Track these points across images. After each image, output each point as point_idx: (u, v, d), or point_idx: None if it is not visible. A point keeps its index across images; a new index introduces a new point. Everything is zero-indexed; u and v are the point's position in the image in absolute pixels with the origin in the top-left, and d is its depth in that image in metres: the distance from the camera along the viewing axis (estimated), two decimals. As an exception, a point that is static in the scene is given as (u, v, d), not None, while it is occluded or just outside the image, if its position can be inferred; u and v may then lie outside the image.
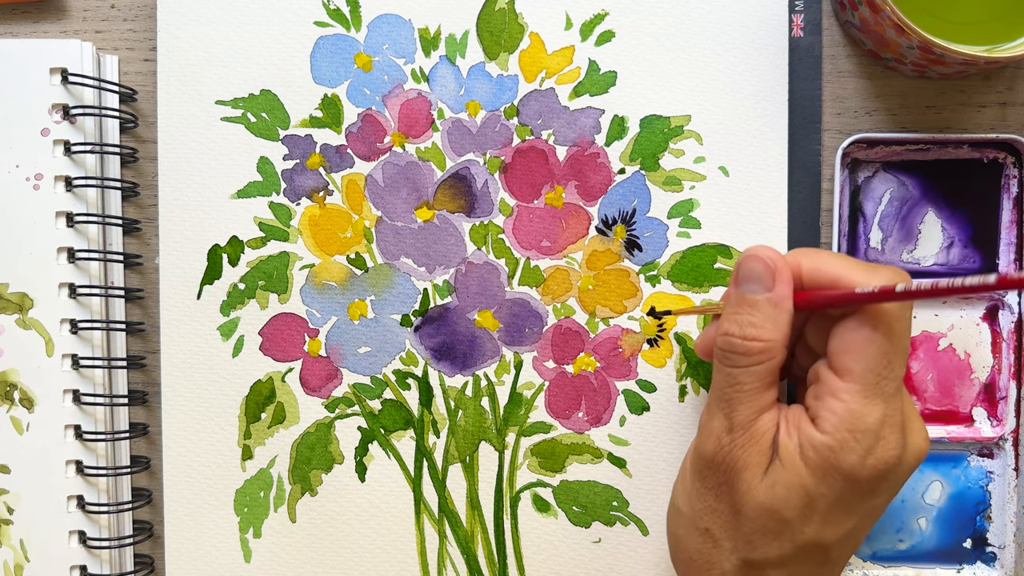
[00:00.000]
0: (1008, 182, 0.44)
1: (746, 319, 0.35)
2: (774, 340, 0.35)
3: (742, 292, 0.36)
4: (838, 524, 0.34)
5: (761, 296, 0.35)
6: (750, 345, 0.35)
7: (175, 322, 0.44)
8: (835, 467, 0.33)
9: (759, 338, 0.35)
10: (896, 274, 0.34)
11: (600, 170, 0.43)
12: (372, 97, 0.44)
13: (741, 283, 0.36)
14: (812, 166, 0.44)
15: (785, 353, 0.35)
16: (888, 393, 0.34)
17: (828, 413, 0.34)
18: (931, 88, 0.44)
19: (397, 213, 0.44)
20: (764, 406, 0.35)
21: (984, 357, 0.44)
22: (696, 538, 0.36)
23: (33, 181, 0.43)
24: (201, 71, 0.44)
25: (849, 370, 0.34)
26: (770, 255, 0.36)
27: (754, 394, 0.35)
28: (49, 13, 0.45)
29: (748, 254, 0.36)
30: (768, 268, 0.35)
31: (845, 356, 0.34)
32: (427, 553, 0.44)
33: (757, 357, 0.35)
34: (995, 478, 0.44)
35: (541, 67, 0.43)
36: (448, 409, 0.44)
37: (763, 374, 0.35)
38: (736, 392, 0.35)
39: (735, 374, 0.35)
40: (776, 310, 0.35)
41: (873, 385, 0.33)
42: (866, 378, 0.33)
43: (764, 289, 0.35)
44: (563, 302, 0.44)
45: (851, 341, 0.34)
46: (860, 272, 0.34)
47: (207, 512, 0.44)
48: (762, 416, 0.35)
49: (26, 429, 0.43)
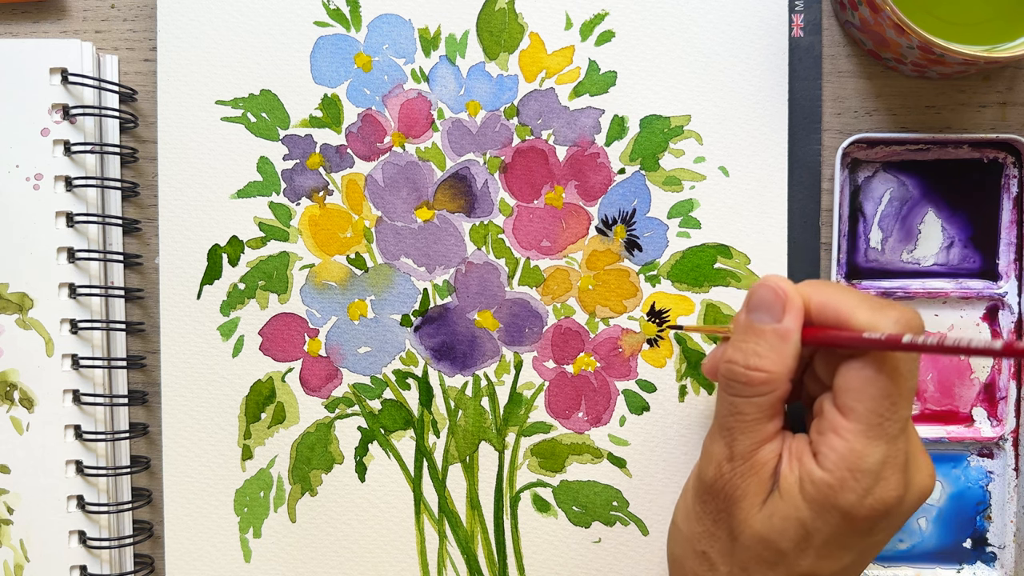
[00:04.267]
0: (1008, 182, 0.44)
1: (751, 348, 0.35)
2: (778, 372, 0.34)
3: (751, 320, 0.36)
4: (834, 559, 0.34)
5: (769, 326, 0.35)
6: (753, 375, 0.35)
7: (175, 322, 0.44)
8: (833, 504, 0.33)
9: (763, 369, 0.35)
10: (904, 315, 0.34)
11: (600, 170, 0.43)
12: (372, 97, 0.44)
13: (751, 311, 0.36)
14: (812, 166, 0.44)
15: (789, 385, 0.35)
16: (891, 434, 0.33)
17: (829, 450, 0.33)
18: (931, 88, 0.44)
19: (397, 213, 0.44)
20: (766, 437, 0.35)
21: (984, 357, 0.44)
22: (693, 559, 0.36)
23: (33, 181, 0.43)
24: (201, 71, 0.44)
25: (852, 409, 0.33)
26: (782, 286, 0.35)
27: (756, 424, 0.35)
28: (49, 13, 0.45)
29: (761, 282, 0.36)
30: (778, 298, 0.35)
31: (849, 395, 0.33)
32: (427, 553, 0.44)
33: (760, 388, 0.35)
34: (995, 478, 0.44)
35: (541, 67, 0.43)
36: (448, 409, 0.44)
37: (765, 405, 0.35)
38: (737, 421, 0.35)
39: (737, 403, 0.35)
40: (782, 342, 0.35)
41: (876, 426, 0.33)
42: (869, 418, 0.33)
43: (773, 319, 0.35)
44: (563, 302, 0.44)
45: (855, 380, 0.33)
46: (868, 312, 0.34)
47: (207, 512, 0.44)
48: (763, 447, 0.35)
49: (26, 429, 0.43)
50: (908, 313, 0.34)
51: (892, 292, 0.43)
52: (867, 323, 0.33)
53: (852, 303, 0.34)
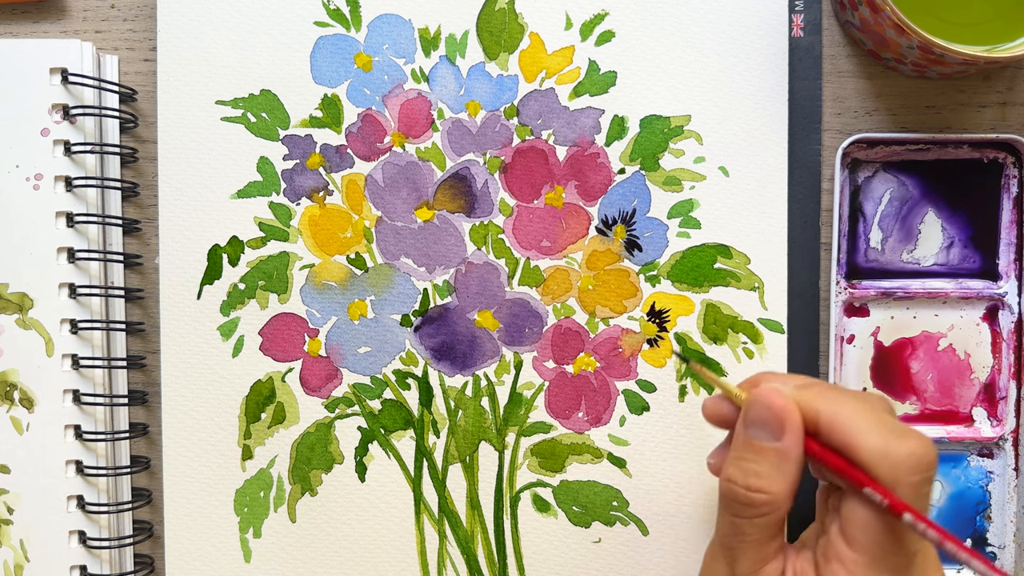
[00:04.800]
0: (1008, 182, 0.44)
1: (751, 468, 0.33)
2: (779, 492, 0.33)
3: (749, 436, 0.34)
4: None
5: (769, 444, 0.33)
6: (754, 497, 0.33)
7: (175, 322, 0.44)
8: None
9: (763, 490, 0.33)
10: (917, 450, 0.31)
11: (600, 170, 0.43)
12: (372, 97, 0.44)
13: (748, 426, 0.34)
14: (812, 166, 0.44)
15: (791, 503, 0.33)
16: (898, 567, 0.32)
17: None
18: (931, 88, 0.44)
19: (397, 213, 0.44)
20: (767, 556, 0.34)
21: (984, 357, 0.44)
22: None
23: (33, 181, 0.43)
24: (201, 71, 0.44)
25: (856, 540, 0.32)
26: (780, 403, 0.33)
27: (757, 545, 0.33)
28: (49, 13, 0.45)
29: (757, 398, 0.34)
30: (775, 417, 0.33)
31: (853, 525, 0.32)
32: (427, 553, 0.44)
33: (761, 509, 0.33)
34: (995, 478, 0.44)
35: (541, 67, 0.43)
36: (448, 409, 0.44)
37: (767, 525, 0.33)
38: (739, 542, 0.34)
39: (738, 523, 0.33)
40: (783, 461, 0.33)
41: (880, 559, 0.32)
42: (873, 551, 0.32)
43: (772, 438, 0.33)
44: (563, 302, 0.44)
45: (860, 513, 0.32)
46: (880, 440, 0.31)
47: (207, 512, 0.44)
48: (766, 567, 0.34)
49: (26, 429, 0.43)
50: (921, 448, 0.31)
51: (892, 292, 0.44)
52: (875, 454, 0.31)
53: (862, 425, 0.32)
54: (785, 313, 0.43)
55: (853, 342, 0.44)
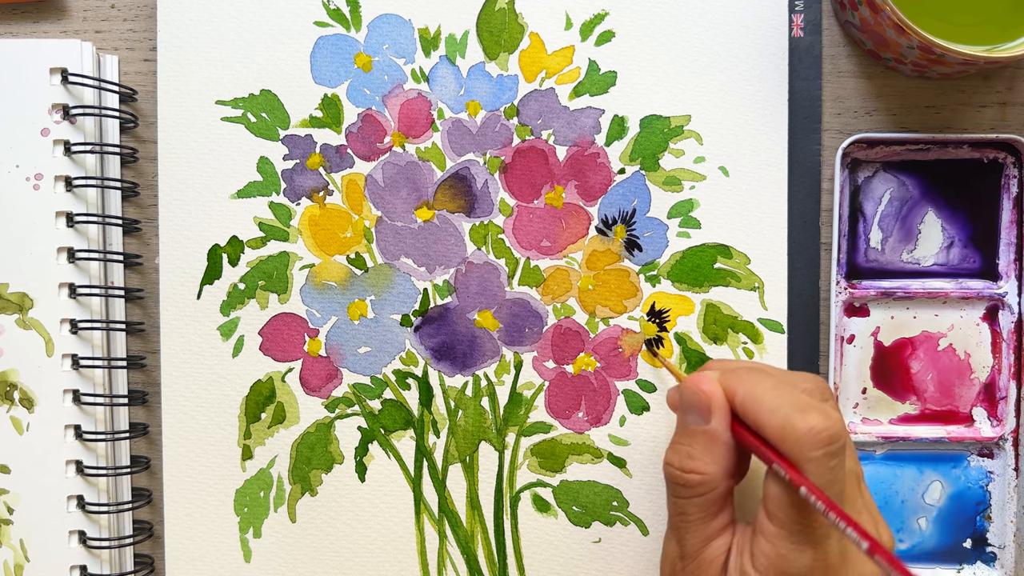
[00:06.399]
0: (1008, 182, 0.44)
1: (686, 450, 0.36)
2: (712, 473, 0.35)
3: (685, 421, 0.36)
4: None
5: (700, 427, 0.35)
6: (689, 478, 0.35)
7: (175, 322, 0.44)
8: None
9: (697, 471, 0.35)
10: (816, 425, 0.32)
11: (600, 170, 0.43)
12: (372, 97, 0.44)
13: (683, 412, 0.36)
14: (812, 166, 0.44)
15: (731, 482, 0.36)
16: (817, 537, 0.33)
17: (760, 553, 0.34)
18: (931, 88, 0.44)
19: (397, 213, 0.44)
20: (712, 534, 0.35)
21: (984, 357, 0.44)
22: None
23: (33, 181, 0.43)
24: (201, 71, 0.44)
25: (775, 515, 0.33)
26: (706, 389, 0.35)
27: (700, 524, 0.35)
28: (49, 13, 0.45)
29: (687, 384, 0.36)
30: (702, 402, 0.35)
31: (771, 501, 0.34)
32: (427, 553, 0.44)
33: (697, 489, 0.35)
34: (995, 478, 0.44)
35: (541, 67, 0.43)
36: (448, 409, 0.44)
37: (707, 504, 0.35)
38: (683, 521, 0.36)
39: (680, 504, 0.36)
40: (712, 443, 0.35)
41: (799, 532, 0.33)
42: (790, 526, 0.33)
43: (702, 420, 0.35)
44: (563, 302, 0.44)
45: (773, 488, 0.33)
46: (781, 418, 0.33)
47: (207, 512, 0.44)
48: (710, 544, 0.35)
49: (26, 429, 0.43)
50: (822, 423, 0.32)
51: (892, 292, 0.44)
52: (779, 430, 0.33)
53: (768, 404, 0.34)
54: (785, 313, 0.43)
55: (853, 342, 0.44)
